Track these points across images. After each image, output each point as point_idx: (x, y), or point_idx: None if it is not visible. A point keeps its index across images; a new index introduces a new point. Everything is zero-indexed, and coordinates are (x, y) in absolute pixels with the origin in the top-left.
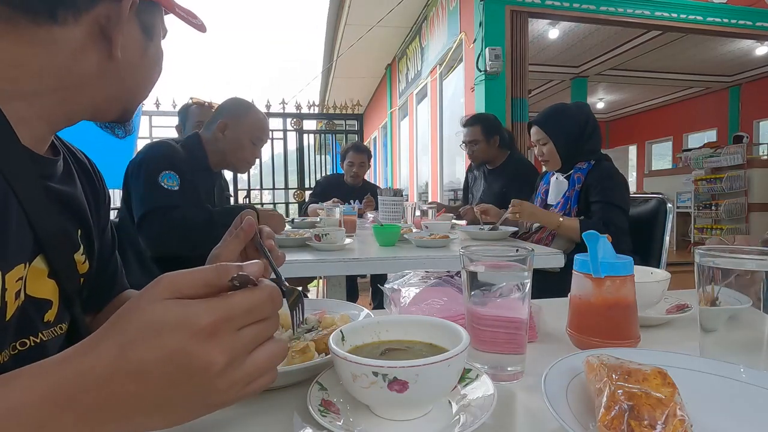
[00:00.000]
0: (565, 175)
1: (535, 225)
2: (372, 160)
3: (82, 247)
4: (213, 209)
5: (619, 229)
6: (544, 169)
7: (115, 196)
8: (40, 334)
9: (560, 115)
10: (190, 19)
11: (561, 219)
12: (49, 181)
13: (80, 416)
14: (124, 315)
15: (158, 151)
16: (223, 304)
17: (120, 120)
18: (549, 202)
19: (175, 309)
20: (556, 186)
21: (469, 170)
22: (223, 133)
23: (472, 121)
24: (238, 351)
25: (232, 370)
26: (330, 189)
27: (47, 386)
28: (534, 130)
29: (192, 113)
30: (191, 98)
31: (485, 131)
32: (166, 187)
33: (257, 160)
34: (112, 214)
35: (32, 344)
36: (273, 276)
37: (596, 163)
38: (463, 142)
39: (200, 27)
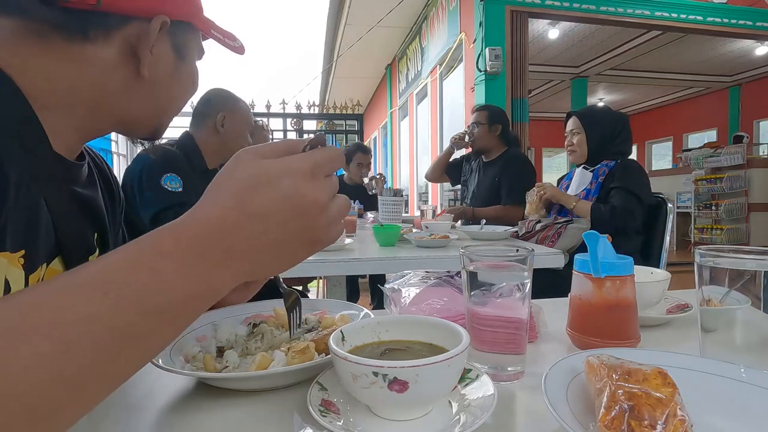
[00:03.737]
0: (590, 169)
1: (539, 224)
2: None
3: (97, 250)
4: None
5: (631, 214)
6: (565, 168)
7: None
8: None
9: (599, 111)
10: (227, 41)
11: (575, 202)
12: (74, 185)
13: (223, 257)
14: (224, 177)
15: (156, 156)
16: (312, 155)
17: (152, 137)
18: (576, 214)
19: (275, 162)
20: (580, 177)
21: (466, 160)
22: (222, 126)
23: (481, 107)
24: (332, 191)
25: (329, 207)
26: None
27: (190, 235)
28: (571, 120)
29: None
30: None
31: (489, 116)
32: (170, 189)
33: None
34: None
35: None
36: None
37: (622, 161)
38: (467, 127)
39: (238, 49)
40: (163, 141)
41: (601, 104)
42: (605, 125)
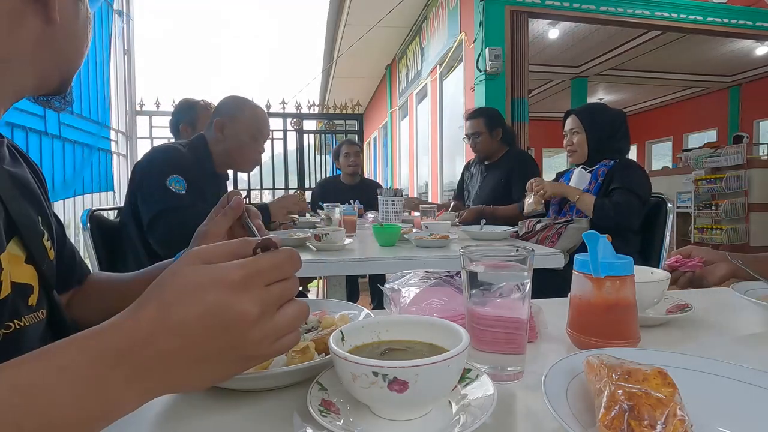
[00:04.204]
0: (589, 170)
1: (539, 224)
2: (363, 152)
3: (45, 233)
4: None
5: (633, 211)
6: (566, 166)
7: (109, 198)
8: (23, 318)
9: (599, 110)
10: None
11: (578, 195)
12: (2, 163)
13: (129, 373)
14: (160, 281)
15: (165, 154)
16: (251, 261)
17: (58, 91)
18: (578, 207)
19: (208, 269)
20: (578, 177)
21: (466, 167)
22: (222, 132)
23: (475, 114)
24: (268, 304)
25: (263, 322)
26: (327, 194)
27: (97, 347)
28: (570, 118)
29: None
30: (185, 99)
31: (488, 123)
32: (174, 190)
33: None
34: (112, 215)
35: (16, 327)
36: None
37: (621, 160)
38: (466, 135)
39: None
40: (177, 142)
41: (598, 100)
42: (605, 123)
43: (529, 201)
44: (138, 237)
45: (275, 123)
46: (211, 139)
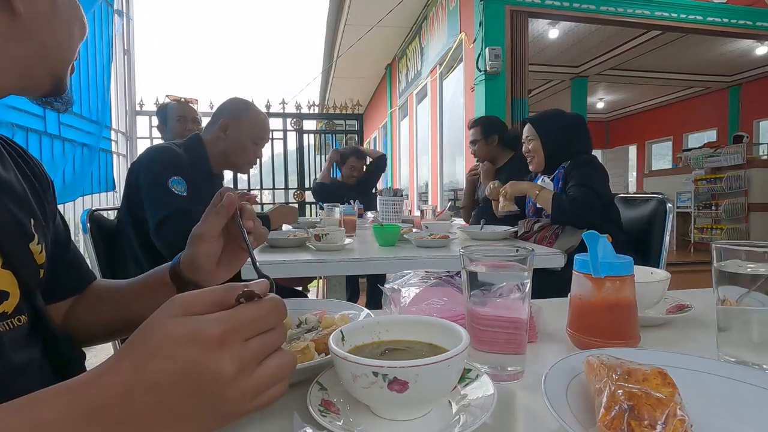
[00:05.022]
0: (551, 177)
1: (537, 224)
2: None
3: (36, 237)
4: None
5: (590, 205)
6: (530, 169)
7: (109, 198)
8: None
9: (554, 116)
10: None
11: (538, 191)
12: None
13: (104, 430)
14: (138, 334)
15: (164, 156)
16: (229, 315)
17: (56, 92)
18: (540, 205)
19: (185, 323)
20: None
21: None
22: (225, 132)
23: (473, 123)
24: (247, 360)
25: (241, 379)
26: (328, 193)
27: (72, 403)
28: (526, 127)
29: (171, 110)
30: (167, 95)
31: (483, 131)
32: (177, 192)
33: (258, 160)
34: (112, 215)
35: None
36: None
37: (574, 158)
38: (470, 143)
39: None
40: (171, 142)
41: (555, 108)
42: (559, 129)
43: (501, 204)
44: (136, 239)
45: (275, 123)
46: (209, 139)
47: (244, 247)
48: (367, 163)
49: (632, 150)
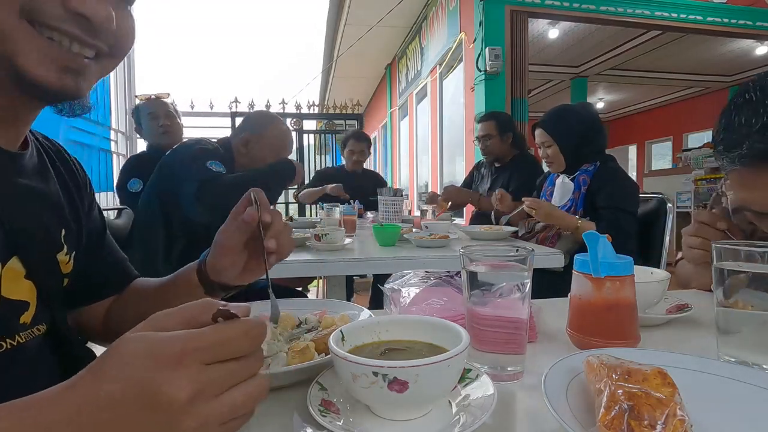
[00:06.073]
0: (571, 177)
1: (539, 224)
2: (372, 147)
3: (65, 247)
4: (256, 172)
5: (628, 234)
6: (547, 170)
7: (109, 198)
8: (17, 336)
9: (564, 116)
10: None
11: (579, 222)
12: (18, 177)
13: None
14: (107, 350)
15: (201, 143)
16: (190, 335)
17: (59, 96)
18: (554, 204)
19: (144, 339)
20: (562, 188)
21: (476, 168)
22: (246, 147)
23: (487, 117)
24: (205, 386)
25: (199, 406)
26: (329, 180)
27: (33, 420)
28: (538, 132)
29: (142, 109)
30: (136, 96)
31: (499, 127)
32: (214, 170)
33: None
34: (112, 214)
35: (9, 347)
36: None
37: (601, 165)
38: (477, 138)
39: None
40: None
41: (565, 103)
42: (574, 130)
43: (512, 214)
44: (163, 233)
45: None
46: (235, 145)
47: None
48: (368, 149)
49: (632, 150)
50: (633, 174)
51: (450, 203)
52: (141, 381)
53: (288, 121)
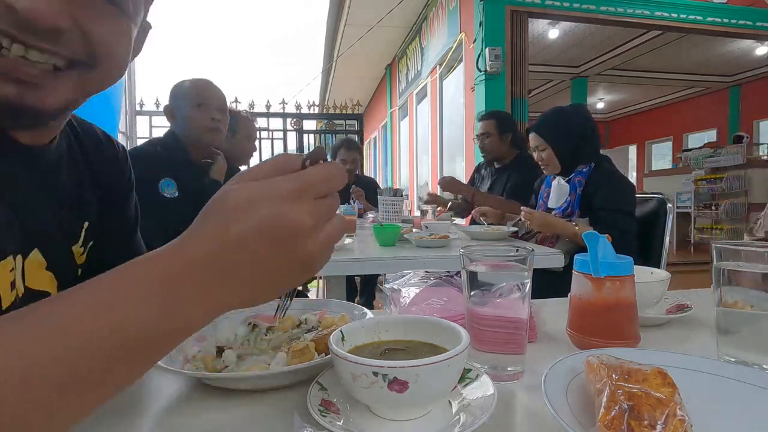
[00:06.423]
0: (566, 179)
1: None
2: (362, 154)
3: (81, 239)
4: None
5: (629, 234)
6: (546, 172)
7: None
8: None
9: (557, 119)
10: None
11: (576, 228)
12: (38, 172)
13: (197, 291)
14: (211, 204)
15: (149, 157)
16: (300, 174)
17: (24, 121)
18: (550, 206)
19: (258, 185)
20: (558, 190)
21: (477, 170)
22: (173, 116)
23: (487, 116)
24: (320, 215)
25: (317, 232)
26: None
27: (164, 269)
28: (532, 136)
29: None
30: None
31: (499, 126)
32: (168, 196)
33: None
34: None
35: None
36: None
37: (596, 166)
38: (476, 135)
39: None
40: (146, 141)
41: (556, 105)
42: (568, 133)
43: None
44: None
45: (275, 123)
46: (174, 129)
47: None
48: (360, 156)
49: (632, 150)
50: (633, 174)
51: (450, 203)
52: (270, 216)
53: (288, 121)
